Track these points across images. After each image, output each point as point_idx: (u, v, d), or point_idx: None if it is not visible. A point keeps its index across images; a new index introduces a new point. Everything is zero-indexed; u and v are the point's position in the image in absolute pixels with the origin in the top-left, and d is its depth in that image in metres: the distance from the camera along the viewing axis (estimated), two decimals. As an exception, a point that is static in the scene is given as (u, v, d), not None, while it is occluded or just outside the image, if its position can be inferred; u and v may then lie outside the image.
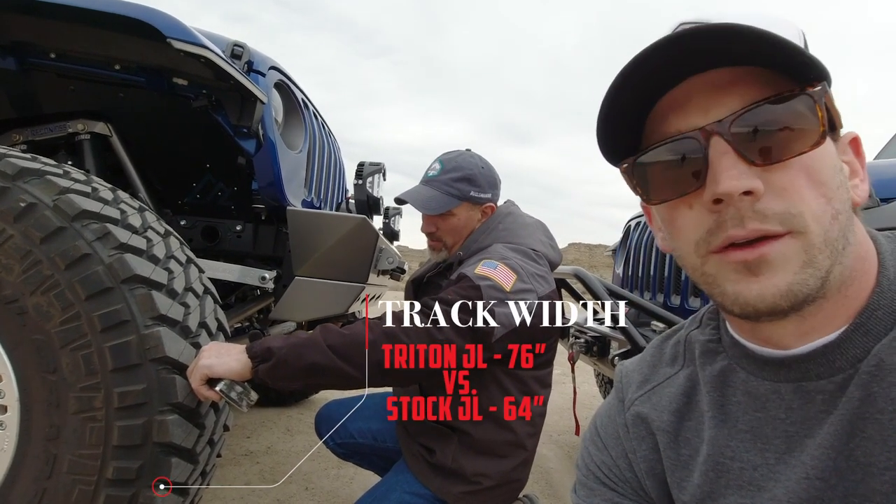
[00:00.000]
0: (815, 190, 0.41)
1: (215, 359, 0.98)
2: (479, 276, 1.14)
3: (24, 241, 0.95)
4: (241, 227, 1.77)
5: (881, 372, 0.41)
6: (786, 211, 0.41)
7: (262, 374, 0.99)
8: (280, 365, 0.99)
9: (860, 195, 0.46)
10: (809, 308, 0.43)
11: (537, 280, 1.21)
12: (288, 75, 1.79)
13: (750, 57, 0.41)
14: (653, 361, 0.60)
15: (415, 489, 1.21)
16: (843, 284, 0.44)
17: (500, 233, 1.34)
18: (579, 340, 1.94)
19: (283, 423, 2.77)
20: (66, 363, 0.93)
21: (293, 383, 1.02)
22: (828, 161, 0.43)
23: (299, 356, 0.99)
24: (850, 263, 0.44)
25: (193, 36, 1.22)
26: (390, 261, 1.71)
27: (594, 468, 0.61)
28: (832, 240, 0.41)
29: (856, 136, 0.48)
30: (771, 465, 0.46)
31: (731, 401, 0.50)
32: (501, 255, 1.22)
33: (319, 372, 1.00)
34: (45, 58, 1.43)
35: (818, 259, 0.41)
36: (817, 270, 0.41)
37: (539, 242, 1.34)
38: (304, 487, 2.02)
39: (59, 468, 0.93)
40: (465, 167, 1.39)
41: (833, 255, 0.42)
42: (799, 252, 0.41)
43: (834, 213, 0.42)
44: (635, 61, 0.43)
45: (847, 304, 0.44)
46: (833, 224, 0.42)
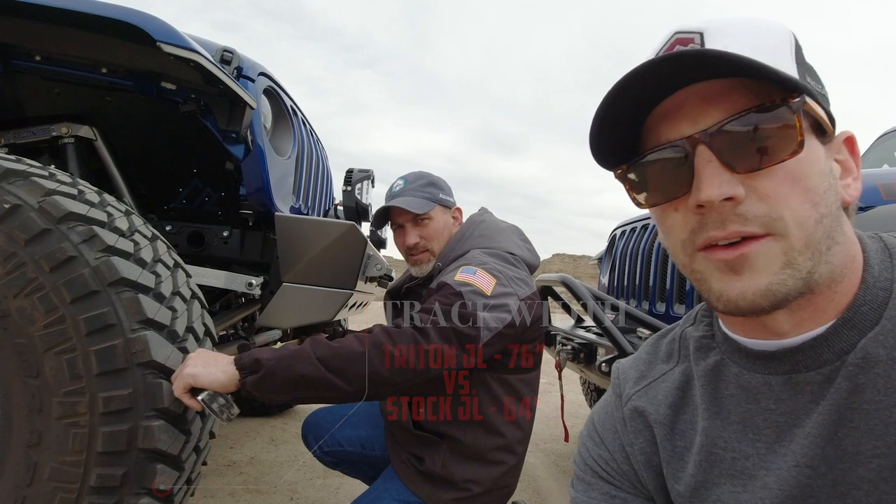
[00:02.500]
0: (800, 195, 0.43)
1: (202, 368, 0.96)
2: (459, 282, 1.15)
3: (7, 242, 0.93)
4: (228, 232, 1.76)
5: (868, 364, 0.43)
6: (766, 214, 0.43)
7: (250, 386, 0.98)
8: (268, 377, 0.98)
9: (851, 194, 0.47)
10: (798, 302, 0.44)
11: (516, 283, 1.23)
12: (277, 81, 1.79)
13: (736, 70, 0.43)
14: (648, 358, 0.62)
15: (404, 497, 1.20)
16: (832, 281, 0.45)
17: (476, 239, 1.36)
18: (566, 348, 1.95)
19: (266, 434, 2.72)
20: (49, 367, 0.91)
21: (281, 396, 1.00)
22: (814, 167, 0.45)
23: (288, 368, 0.98)
24: (840, 261, 0.45)
25: (183, 40, 1.22)
26: (378, 267, 1.71)
27: (591, 462, 0.62)
28: (815, 242, 0.43)
29: (850, 135, 0.48)
30: (762, 454, 0.48)
31: (724, 394, 0.52)
32: (480, 260, 1.24)
33: (308, 385, 0.99)
34: (31, 60, 1.41)
35: (798, 261, 0.43)
36: (797, 271, 0.43)
37: (515, 246, 1.36)
38: (290, 497, 1.99)
39: (41, 475, 0.91)
40: (426, 176, 1.49)
41: (815, 256, 0.43)
42: (779, 254, 0.43)
43: (818, 217, 0.44)
44: (632, 75, 0.45)
45: (836, 299, 0.46)
46: (817, 228, 0.43)
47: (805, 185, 0.44)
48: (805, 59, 0.47)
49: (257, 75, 1.62)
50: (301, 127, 1.97)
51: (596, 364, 1.80)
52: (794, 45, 0.47)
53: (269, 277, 1.69)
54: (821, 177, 0.45)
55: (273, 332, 2.28)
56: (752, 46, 0.44)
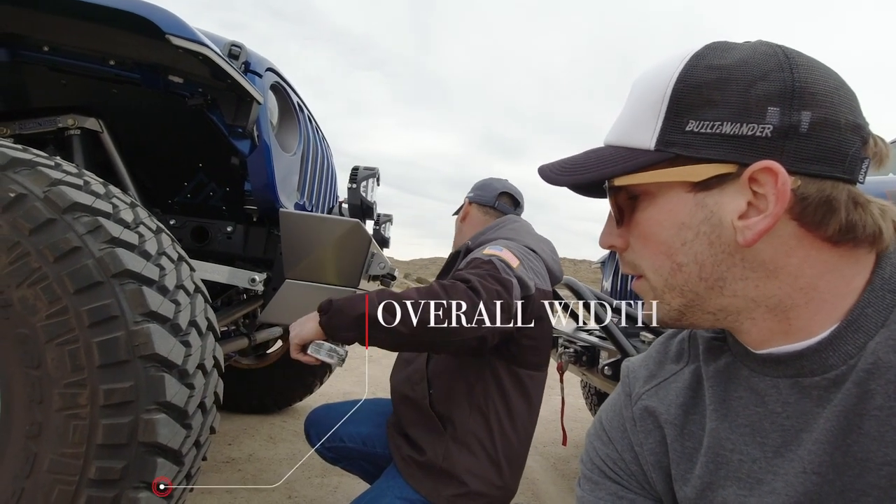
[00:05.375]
0: (652, 249, 0.50)
1: (299, 328, 1.08)
2: (488, 255, 1.21)
3: (11, 231, 0.92)
4: (232, 228, 1.75)
5: (878, 369, 0.42)
6: (632, 261, 0.53)
7: (324, 326, 1.05)
8: (335, 314, 1.04)
9: (747, 237, 0.44)
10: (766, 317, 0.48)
11: (535, 273, 1.28)
12: (284, 78, 1.79)
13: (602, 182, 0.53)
14: (658, 358, 0.61)
15: (405, 494, 1.20)
16: (777, 307, 0.47)
17: (507, 231, 1.43)
18: (568, 350, 1.94)
19: (265, 431, 2.72)
20: (51, 358, 0.91)
21: (348, 333, 1.05)
22: (664, 225, 0.49)
23: (353, 307, 1.04)
24: (766, 292, 0.47)
25: (192, 33, 1.22)
26: (382, 266, 1.71)
27: (599, 462, 0.61)
28: (678, 285, 0.49)
29: (763, 167, 0.43)
30: (769, 458, 0.47)
31: (734, 396, 0.51)
32: (505, 244, 1.31)
33: (368, 323, 1.03)
34: (39, 51, 1.41)
35: (666, 297, 0.51)
36: (667, 305, 0.51)
37: (540, 249, 1.40)
38: (288, 496, 1.98)
39: (40, 467, 0.90)
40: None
41: (687, 294, 0.49)
42: (649, 290, 0.52)
43: (675, 266, 0.49)
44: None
45: (826, 308, 0.46)
46: (676, 274, 0.49)
47: (655, 240, 0.50)
48: (693, 101, 0.45)
49: (265, 71, 1.62)
50: (307, 124, 1.97)
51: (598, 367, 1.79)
52: (671, 95, 0.46)
53: (272, 274, 1.69)
54: (675, 230, 0.48)
55: (275, 329, 2.27)
56: (629, 121, 0.50)
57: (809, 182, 0.44)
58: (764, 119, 0.43)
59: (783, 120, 0.43)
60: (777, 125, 0.43)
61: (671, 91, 0.46)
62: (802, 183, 0.44)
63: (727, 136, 0.44)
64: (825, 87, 0.44)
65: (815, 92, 0.43)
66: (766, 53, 0.45)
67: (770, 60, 0.44)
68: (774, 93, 0.43)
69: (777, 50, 0.45)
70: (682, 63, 0.47)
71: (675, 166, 0.47)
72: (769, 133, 0.43)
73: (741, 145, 0.44)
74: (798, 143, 0.43)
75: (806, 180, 0.44)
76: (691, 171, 0.46)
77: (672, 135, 0.46)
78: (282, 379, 2.83)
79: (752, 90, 0.44)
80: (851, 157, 0.44)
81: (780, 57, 0.45)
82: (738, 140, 0.44)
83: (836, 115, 0.44)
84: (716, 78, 0.45)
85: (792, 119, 0.43)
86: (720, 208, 0.46)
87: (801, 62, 0.45)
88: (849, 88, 0.46)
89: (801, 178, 0.44)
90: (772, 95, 0.43)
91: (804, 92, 0.43)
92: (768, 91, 0.43)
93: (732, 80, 0.44)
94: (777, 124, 0.43)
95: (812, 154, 0.43)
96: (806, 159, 0.43)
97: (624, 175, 0.49)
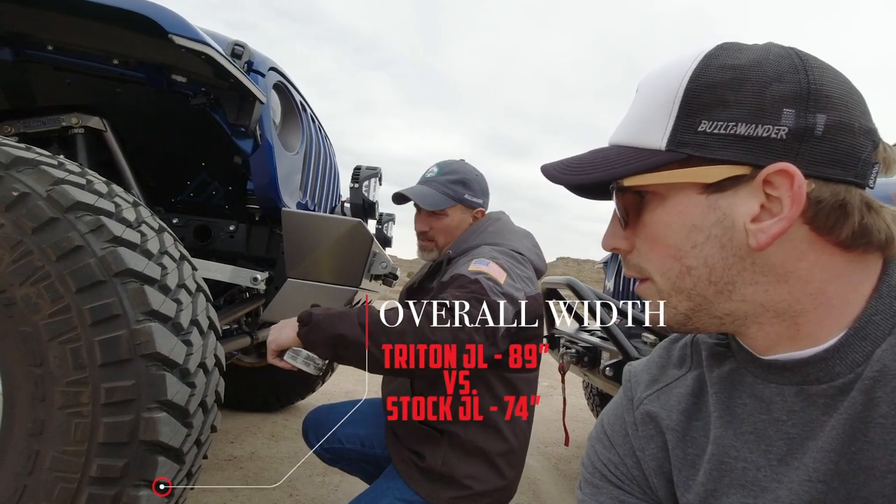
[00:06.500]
0: (659, 251, 0.49)
1: (276, 333, 1.08)
2: (473, 272, 1.18)
3: (14, 230, 0.93)
4: (235, 227, 1.76)
5: (884, 377, 0.42)
6: (638, 264, 0.52)
7: (301, 337, 1.05)
8: (314, 329, 1.03)
9: (760, 241, 0.44)
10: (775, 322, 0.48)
11: (523, 281, 1.26)
12: (287, 77, 1.79)
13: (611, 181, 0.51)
14: (661, 363, 0.61)
15: (405, 495, 1.20)
16: (785, 312, 0.46)
17: (488, 235, 1.39)
18: (570, 351, 1.94)
19: (267, 429, 2.72)
20: (53, 356, 0.91)
21: (324, 350, 1.05)
22: (673, 227, 0.48)
23: (332, 325, 1.03)
24: (776, 296, 0.46)
25: (195, 32, 1.22)
26: (384, 265, 1.71)
27: (600, 466, 0.61)
28: (686, 289, 0.48)
29: (779, 169, 0.42)
30: (774, 466, 0.47)
31: (738, 402, 0.51)
32: (490, 255, 1.27)
33: (345, 344, 1.03)
34: (43, 50, 1.41)
35: (672, 300, 0.50)
36: (673, 309, 0.50)
37: (524, 248, 1.38)
38: (289, 494, 1.99)
39: (41, 464, 0.90)
40: (461, 171, 1.47)
41: (693, 297, 0.48)
42: (655, 293, 0.51)
43: (684, 269, 0.48)
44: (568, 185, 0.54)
45: (834, 314, 0.45)
46: (685, 278, 0.48)
47: (664, 242, 0.48)
48: (706, 101, 0.44)
49: (267, 70, 1.62)
50: (310, 123, 1.97)
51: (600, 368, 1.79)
52: (683, 95, 0.45)
53: (275, 273, 1.69)
54: (685, 233, 0.47)
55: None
56: (638, 121, 0.49)
57: (823, 186, 0.43)
58: (779, 121, 0.43)
59: (798, 122, 0.42)
60: (792, 127, 0.42)
61: (683, 90, 0.45)
62: (816, 186, 0.43)
63: (741, 137, 0.43)
64: (839, 91, 0.43)
65: (829, 95, 0.43)
66: (780, 55, 0.44)
67: (784, 62, 0.44)
68: (790, 94, 0.43)
69: (790, 52, 0.45)
70: (695, 62, 0.46)
71: (688, 167, 0.46)
72: (784, 135, 0.43)
73: (756, 147, 0.43)
74: (813, 145, 0.43)
75: (820, 184, 0.43)
76: (704, 173, 0.45)
77: (684, 135, 0.45)
78: (284, 377, 2.83)
79: (767, 91, 0.43)
80: (863, 161, 0.44)
81: (794, 59, 0.44)
82: (752, 141, 0.43)
83: (850, 118, 0.43)
84: (730, 78, 0.44)
85: (808, 121, 0.42)
86: (733, 210, 0.45)
87: (814, 64, 0.44)
88: (858, 92, 0.45)
89: (815, 181, 0.43)
90: (787, 97, 0.43)
91: (819, 94, 0.43)
92: (784, 92, 0.43)
93: (747, 81, 0.44)
94: (792, 126, 0.42)
95: (827, 157, 0.43)
96: (821, 162, 0.43)
97: (635, 175, 0.48)
